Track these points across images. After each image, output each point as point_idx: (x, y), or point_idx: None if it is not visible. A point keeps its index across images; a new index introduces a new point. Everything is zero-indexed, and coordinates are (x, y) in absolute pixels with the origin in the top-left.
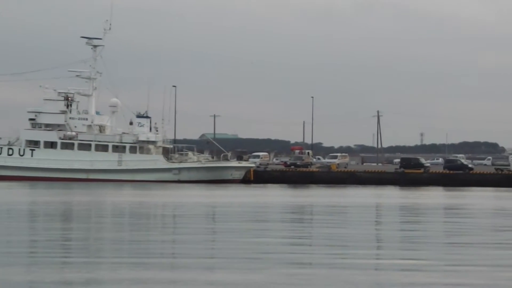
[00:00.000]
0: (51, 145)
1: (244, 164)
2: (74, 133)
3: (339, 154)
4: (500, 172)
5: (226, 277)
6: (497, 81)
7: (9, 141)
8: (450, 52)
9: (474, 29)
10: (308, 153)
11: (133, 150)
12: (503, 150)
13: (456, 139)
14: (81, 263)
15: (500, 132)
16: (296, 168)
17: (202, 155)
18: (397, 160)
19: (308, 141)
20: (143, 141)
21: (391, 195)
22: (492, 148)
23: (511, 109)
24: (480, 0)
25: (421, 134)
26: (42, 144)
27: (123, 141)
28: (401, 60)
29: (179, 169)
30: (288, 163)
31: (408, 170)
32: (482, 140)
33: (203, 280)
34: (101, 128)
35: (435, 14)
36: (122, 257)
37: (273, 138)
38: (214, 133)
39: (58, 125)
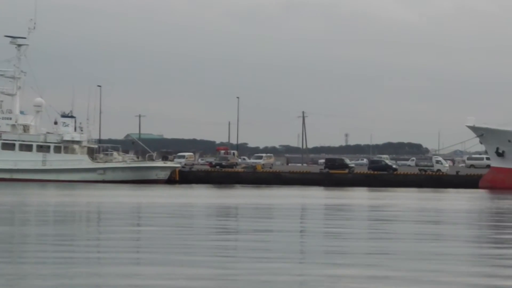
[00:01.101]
0: None
1: (169, 164)
2: None
3: (264, 155)
4: (423, 172)
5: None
6: (421, 82)
7: None
8: (375, 53)
9: (398, 31)
10: (234, 153)
11: (57, 150)
12: (427, 151)
13: (380, 140)
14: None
15: (424, 133)
16: (221, 168)
17: (127, 155)
18: (322, 161)
19: (233, 141)
20: (68, 141)
21: (316, 195)
22: (416, 149)
23: (435, 110)
24: (404, 2)
25: (346, 135)
26: None
27: (48, 141)
28: (327, 61)
29: (104, 169)
30: (214, 163)
31: (333, 170)
32: (406, 141)
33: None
34: (25, 128)
35: (361, 15)
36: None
37: (198, 138)
38: (139, 133)
39: None
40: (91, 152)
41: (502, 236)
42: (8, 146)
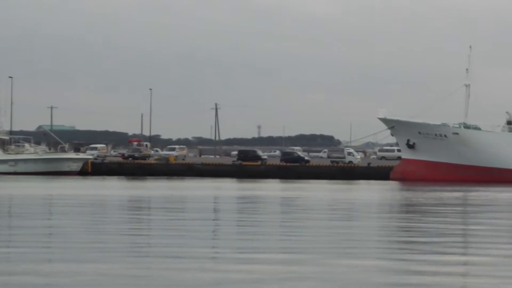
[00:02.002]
0: None
1: (81, 156)
2: None
3: (177, 146)
4: (335, 164)
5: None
6: (333, 75)
7: None
8: (288, 45)
9: (311, 23)
10: (146, 145)
11: None
12: (338, 142)
13: (292, 132)
14: None
15: (336, 125)
16: (134, 160)
17: (39, 146)
18: (235, 153)
19: (146, 133)
20: None
21: (228, 187)
22: (328, 141)
23: (347, 102)
24: None
25: (259, 127)
26: None
27: None
28: (239, 53)
29: (16, 160)
30: (126, 155)
31: (246, 162)
32: (318, 133)
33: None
34: None
35: (275, 7)
36: None
37: (111, 130)
38: (51, 125)
39: None
40: (2, 144)
41: (409, 224)
42: None
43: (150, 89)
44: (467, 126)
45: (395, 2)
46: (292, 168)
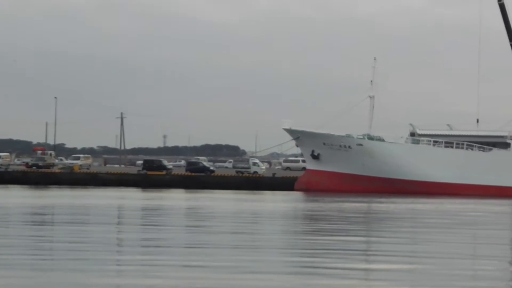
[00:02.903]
0: None
1: None
2: None
3: (81, 155)
4: (241, 174)
5: None
6: (239, 84)
7: None
8: (194, 54)
9: (216, 32)
10: (51, 154)
11: None
12: (244, 153)
13: (198, 142)
14: None
15: (241, 135)
16: (38, 169)
17: None
18: (140, 162)
19: (50, 141)
20: None
21: (133, 196)
22: (233, 151)
23: (253, 112)
24: (220, 3)
25: (164, 136)
26: None
27: None
28: (146, 62)
29: None
30: (30, 164)
31: (151, 172)
32: (224, 143)
33: None
34: None
35: (177, 16)
36: None
37: (14, 138)
38: None
39: None
40: None
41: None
42: None
43: (55, 97)
44: (371, 138)
45: (298, 12)
46: (197, 178)
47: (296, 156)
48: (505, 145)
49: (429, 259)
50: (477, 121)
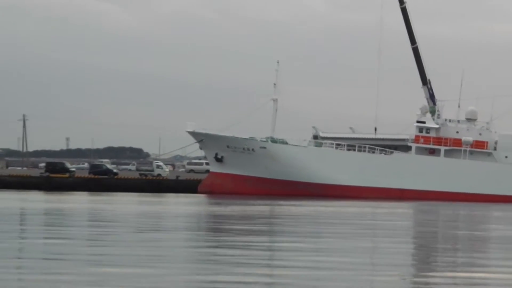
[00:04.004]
0: None
1: None
2: None
3: None
4: (144, 177)
5: None
6: (142, 87)
7: None
8: (98, 58)
9: (118, 36)
10: None
11: None
12: (147, 155)
13: (101, 144)
14: None
15: (145, 138)
16: None
17: None
18: (43, 165)
19: None
20: None
21: (35, 199)
22: (137, 154)
23: (156, 115)
24: (123, 7)
25: (67, 139)
26: None
27: None
28: (48, 64)
29: None
30: None
31: (54, 174)
32: (127, 145)
33: None
34: None
35: (81, 19)
36: None
37: None
38: None
39: None
40: None
41: (214, 237)
42: None
43: None
44: (274, 140)
45: (202, 16)
46: (101, 181)
47: (200, 159)
48: (406, 148)
49: (331, 270)
50: (375, 129)
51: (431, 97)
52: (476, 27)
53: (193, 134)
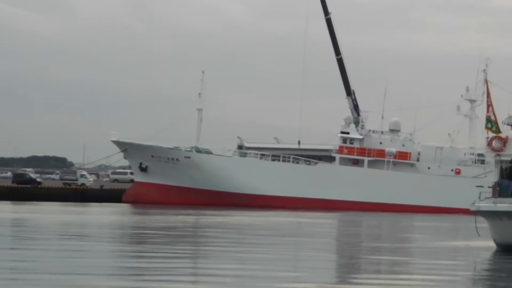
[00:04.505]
0: None
1: None
2: None
3: None
4: (68, 186)
5: None
6: (67, 95)
7: None
8: (20, 66)
9: (36, 43)
10: None
11: None
12: (71, 164)
13: (25, 153)
14: None
15: (69, 147)
16: None
17: None
18: None
19: None
20: None
21: None
22: (61, 163)
23: (80, 124)
24: (45, 15)
25: None
26: None
27: None
28: None
29: None
30: None
31: None
32: (51, 154)
33: None
34: None
35: (2, 27)
36: None
37: None
38: None
39: None
40: None
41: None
42: None
43: None
44: (199, 150)
45: (126, 25)
46: (24, 190)
47: (124, 168)
48: (330, 159)
49: (255, 278)
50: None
51: (355, 108)
52: (399, 39)
53: (118, 143)
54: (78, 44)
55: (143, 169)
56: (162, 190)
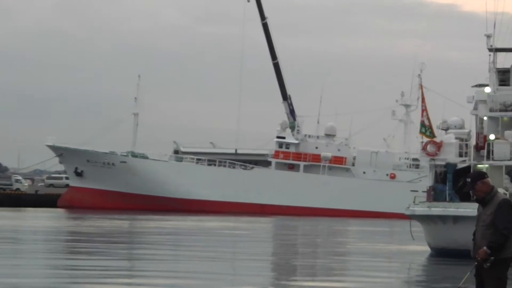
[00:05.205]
0: None
1: None
2: None
3: None
4: (2, 191)
5: None
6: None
7: None
8: None
9: None
10: None
11: None
12: (6, 169)
13: None
14: None
15: (3, 151)
16: None
17: None
18: None
19: None
20: None
21: None
22: None
23: (15, 128)
24: None
25: None
26: None
27: None
28: None
29: None
30: None
31: None
32: None
33: None
34: None
35: None
36: None
37: None
38: None
39: None
40: None
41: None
42: None
43: None
44: (134, 155)
45: (61, 28)
46: None
47: (60, 173)
48: (266, 163)
49: (190, 279)
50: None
51: (291, 112)
52: (337, 43)
53: (53, 148)
54: (12, 49)
55: (79, 174)
56: (98, 195)
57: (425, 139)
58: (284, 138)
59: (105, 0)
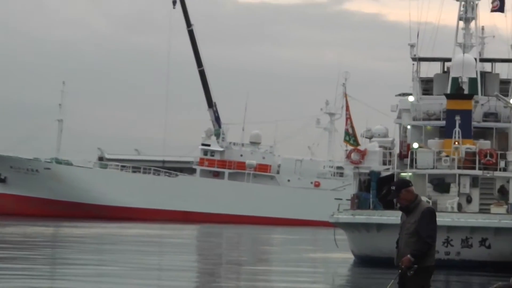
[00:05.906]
0: None
1: None
2: None
3: None
4: None
5: None
6: None
7: None
8: None
9: None
10: None
11: None
12: None
13: None
14: None
15: None
16: None
17: None
18: None
19: None
20: None
21: None
22: None
23: None
24: None
25: None
26: None
27: None
28: None
29: None
30: None
31: None
32: None
33: None
34: None
35: None
36: None
37: None
38: None
39: None
40: None
41: None
42: None
43: None
44: (59, 161)
45: None
46: None
47: None
48: (191, 171)
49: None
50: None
51: (217, 119)
52: (263, 52)
53: None
54: None
55: (2, 180)
56: (21, 201)
57: (349, 147)
58: (209, 145)
59: (28, 8)
